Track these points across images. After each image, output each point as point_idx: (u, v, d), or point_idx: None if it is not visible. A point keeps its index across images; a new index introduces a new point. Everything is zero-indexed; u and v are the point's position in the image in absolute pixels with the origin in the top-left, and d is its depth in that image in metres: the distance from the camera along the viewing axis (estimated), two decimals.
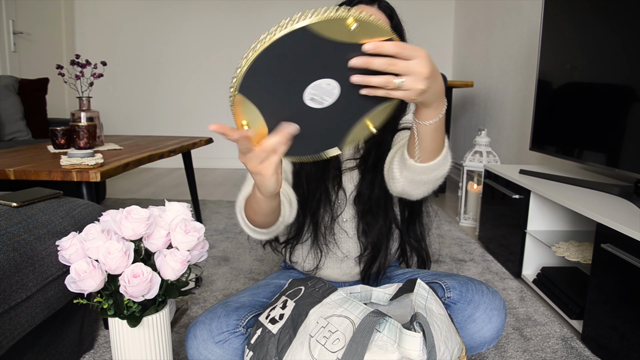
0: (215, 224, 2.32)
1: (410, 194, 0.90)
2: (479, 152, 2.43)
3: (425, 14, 3.96)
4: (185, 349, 0.94)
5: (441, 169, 0.82)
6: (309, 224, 1.08)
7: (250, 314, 0.96)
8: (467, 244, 2.07)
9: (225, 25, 3.95)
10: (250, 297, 1.04)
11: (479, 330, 0.97)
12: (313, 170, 1.06)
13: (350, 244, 1.10)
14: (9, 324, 0.77)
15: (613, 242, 1.13)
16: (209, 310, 0.97)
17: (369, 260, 1.09)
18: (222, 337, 0.91)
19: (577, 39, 1.58)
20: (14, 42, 3.12)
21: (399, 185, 0.90)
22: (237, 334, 0.92)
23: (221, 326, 0.92)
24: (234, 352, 0.90)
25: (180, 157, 2.25)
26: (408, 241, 1.16)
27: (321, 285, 0.84)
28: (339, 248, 1.10)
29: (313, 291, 0.83)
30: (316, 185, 1.06)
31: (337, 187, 1.07)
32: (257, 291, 1.08)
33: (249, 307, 0.98)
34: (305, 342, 0.75)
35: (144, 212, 0.85)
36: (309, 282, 0.86)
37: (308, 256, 1.12)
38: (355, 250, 1.10)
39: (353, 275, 1.13)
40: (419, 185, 0.86)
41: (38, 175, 1.27)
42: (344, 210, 1.09)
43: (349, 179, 1.09)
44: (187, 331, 0.95)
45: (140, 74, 4.02)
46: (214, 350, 0.90)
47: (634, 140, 1.31)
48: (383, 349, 0.70)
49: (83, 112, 1.81)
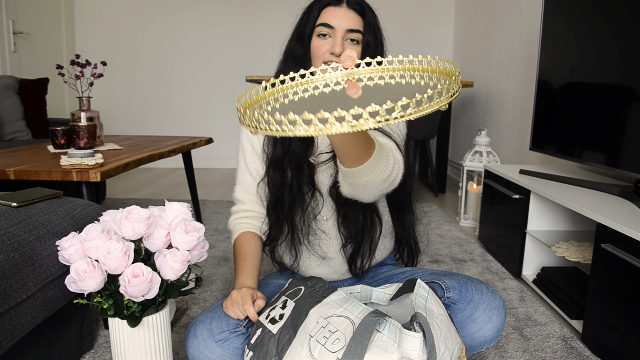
0: (215, 224, 2.32)
1: (359, 197, 0.89)
2: (479, 152, 2.43)
3: (425, 14, 3.96)
4: (186, 348, 0.94)
5: (374, 174, 0.80)
6: (286, 225, 1.08)
7: None
8: (467, 244, 2.07)
9: (226, 25, 3.95)
10: None
11: (479, 330, 0.97)
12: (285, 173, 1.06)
13: (332, 242, 1.10)
14: (9, 324, 0.77)
15: (613, 242, 1.13)
16: (209, 310, 0.97)
17: (353, 253, 1.08)
18: (223, 336, 0.91)
19: (577, 38, 1.58)
20: (14, 42, 3.12)
21: (344, 188, 0.90)
22: (237, 333, 0.92)
23: (221, 325, 0.92)
24: (234, 351, 0.90)
25: (180, 157, 2.24)
26: (398, 231, 1.17)
27: (321, 285, 0.84)
28: (321, 247, 1.10)
29: (313, 291, 0.83)
30: (289, 188, 1.06)
31: (311, 186, 1.06)
32: None
33: None
34: (305, 342, 0.75)
35: (144, 212, 0.85)
36: (308, 282, 0.86)
37: (285, 256, 1.13)
38: (339, 247, 1.10)
39: (343, 273, 1.13)
40: (360, 188, 0.84)
41: (38, 175, 1.27)
42: (322, 209, 1.08)
43: (325, 176, 1.07)
44: (187, 330, 0.95)
45: (140, 74, 4.02)
46: (215, 349, 0.90)
47: (634, 140, 1.31)
48: (383, 349, 0.70)
49: (83, 112, 1.81)
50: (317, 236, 1.09)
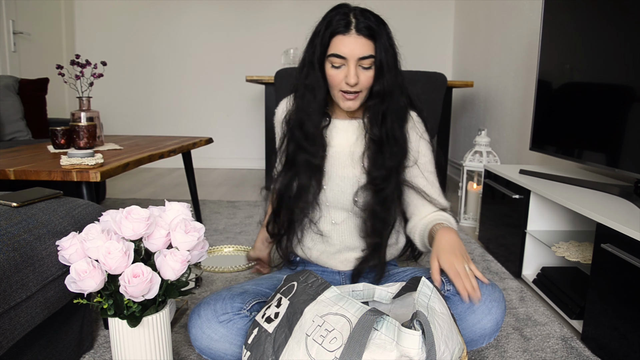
0: (215, 224, 2.32)
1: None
2: (479, 152, 2.43)
3: (425, 14, 3.96)
4: (188, 329, 0.95)
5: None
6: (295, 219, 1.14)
7: (254, 300, 0.97)
8: (467, 244, 2.07)
9: (226, 25, 3.95)
10: (254, 286, 1.05)
11: (478, 322, 0.97)
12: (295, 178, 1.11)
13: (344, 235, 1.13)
14: (9, 324, 0.77)
15: (613, 242, 1.13)
16: (214, 293, 0.99)
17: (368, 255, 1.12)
18: (226, 318, 0.92)
19: (577, 39, 1.58)
20: (14, 42, 3.12)
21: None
22: (240, 315, 0.93)
23: (225, 307, 0.94)
24: (238, 332, 0.91)
25: (180, 157, 2.25)
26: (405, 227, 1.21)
27: (313, 280, 0.83)
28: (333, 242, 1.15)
29: (306, 287, 0.82)
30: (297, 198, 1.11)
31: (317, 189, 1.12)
32: (260, 282, 1.09)
33: (252, 294, 0.99)
34: (301, 341, 0.74)
35: (144, 212, 0.85)
36: (301, 276, 0.85)
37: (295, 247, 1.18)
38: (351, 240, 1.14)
39: (354, 264, 1.16)
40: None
41: (38, 175, 1.27)
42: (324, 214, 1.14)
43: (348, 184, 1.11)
44: (190, 311, 0.96)
45: (140, 74, 4.02)
46: (218, 329, 0.91)
47: (634, 140, 1.31)
48: (381, 347, 0.70)
49: (83, 112, 1.81)
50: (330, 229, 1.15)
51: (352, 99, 1.02)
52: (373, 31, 0.98)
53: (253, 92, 4.03)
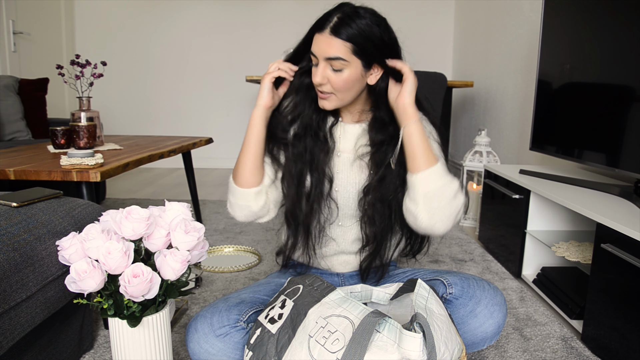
0: (215, 224, 2.32)
1: (434, 225, 0.95)
2: (479, 152, 2.43)
3: (425, 14, 3.96)
4: (186, 343, 0.94)
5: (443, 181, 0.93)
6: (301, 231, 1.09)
7: (251, 310, 0.96)
8: (467, 244, 2.07)
9: (225, 25, 3.95)
10: (251, 294, 1.04)
11: (480, 326, 0.97)
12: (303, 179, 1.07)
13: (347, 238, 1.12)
14: (9, 324, 0.77)
15: (613, 242, 1.13)
16: (210, 305, 0.98)
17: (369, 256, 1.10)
18: (223, 331, 0.91)
19: (577, 39, 1.58)
20: (14, 42, 3.12)
21: (420, 218, 0.95)
22: (237, 328, 0.92)
23: (222, 320, 0.93)
24: (235, 346, 0.91)
25: (180, 157, 2.24)
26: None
27: (319, 284, 0.84)
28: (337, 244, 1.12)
29: (312, 290, 0.83)
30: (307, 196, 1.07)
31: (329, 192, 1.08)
32: (257, 289, 1.08)
33: (249, 304, 0.98)
34: (304, 342, 0.75)
35: (144, 212, 0.85)
36: (307, 280, 0.86)
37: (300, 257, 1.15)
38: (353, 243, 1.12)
39: (354, 266, 1.14)
40: (433, 211, 0.92)
41: (38, 175, 1.27)
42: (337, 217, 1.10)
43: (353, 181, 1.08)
44: (188, 325, 0.95)
45: (140, 74, 4.01)
46: (215, 344, 0.91)
47: (634, 140, 1.31)
48: (383, 349, 0.70)
49: (83, 112, 1.81)
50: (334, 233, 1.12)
51: (325, 98, 1.00)
52: (352, 36, 0.92)
53: (253, 92, 4.02)
